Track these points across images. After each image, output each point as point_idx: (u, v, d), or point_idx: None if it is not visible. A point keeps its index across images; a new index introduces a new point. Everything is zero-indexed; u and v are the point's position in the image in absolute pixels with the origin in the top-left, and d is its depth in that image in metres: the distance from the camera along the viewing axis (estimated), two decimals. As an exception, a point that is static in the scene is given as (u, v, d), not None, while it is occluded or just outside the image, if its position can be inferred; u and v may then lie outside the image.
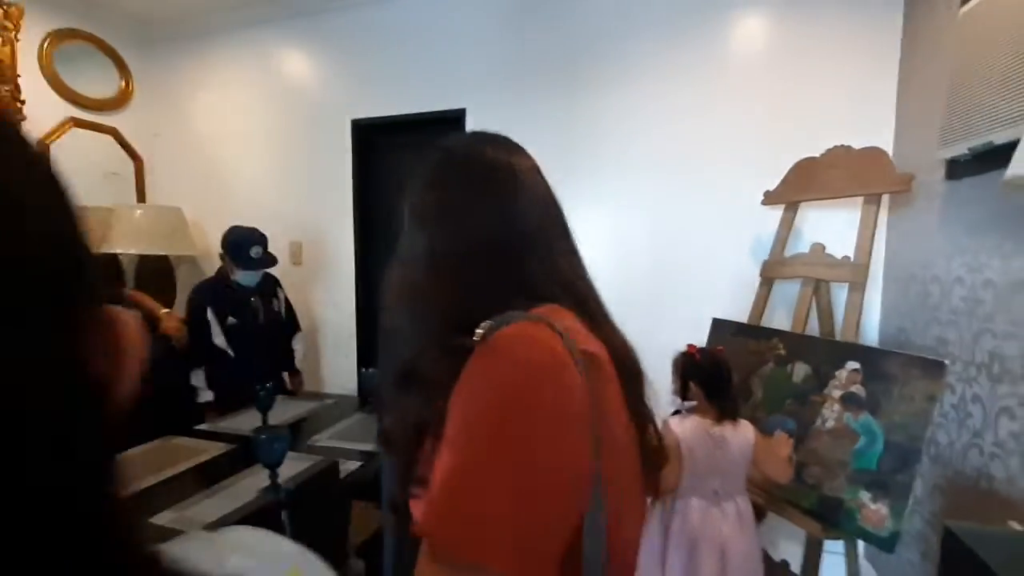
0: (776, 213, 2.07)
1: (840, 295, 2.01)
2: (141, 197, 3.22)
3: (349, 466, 1.56)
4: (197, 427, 1.95)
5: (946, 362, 1.40)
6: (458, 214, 0.60)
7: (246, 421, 1.99)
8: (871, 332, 2.07)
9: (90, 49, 2.91)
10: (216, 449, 1.73)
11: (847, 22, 2.06)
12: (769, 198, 2.07)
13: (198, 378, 2.22)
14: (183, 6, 2.93)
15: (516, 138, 2.69)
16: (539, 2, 2.49)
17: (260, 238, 2.31)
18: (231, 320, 2.27)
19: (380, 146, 2.92)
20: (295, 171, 3.03)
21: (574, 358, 0.47)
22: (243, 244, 2.25)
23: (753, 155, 2.20)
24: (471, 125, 2.65)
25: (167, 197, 3.23)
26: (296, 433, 1.84)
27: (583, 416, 0.46)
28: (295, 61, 2.99)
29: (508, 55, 2.56)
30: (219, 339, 2.26)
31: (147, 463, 1.60)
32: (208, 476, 1.52)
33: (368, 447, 1.72)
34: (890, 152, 1.88)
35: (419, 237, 0.62)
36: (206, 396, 2.23)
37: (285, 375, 2.56)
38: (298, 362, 2.59)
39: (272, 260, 2.35)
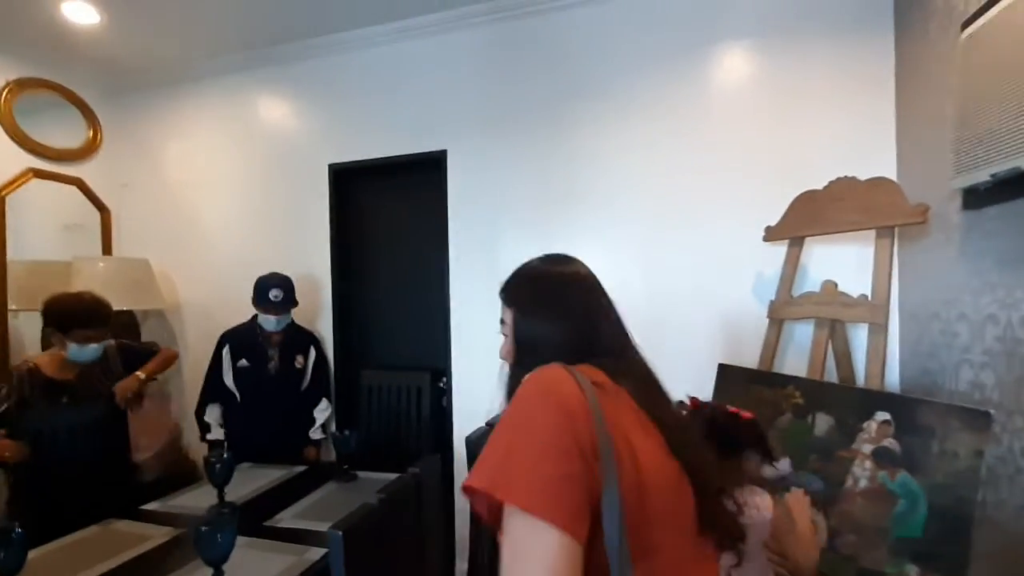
0: (779, 250, 1.94)
1: (855, 336, 1.87)
2: (108, 249, 3.04)
3: (312, 555, 1.33)
4: (143, 507, 1.70)
5: (992, 412, 1.23)
6: (539, 320, 0.82)
7: (201, 497, 1.75)
8: (891, 375, 1.91)
9: (55, 99, 2.80)
10: (161, 535, 1.49)
11: (837, 51, 2.01)
12: (771, 234, 1.95)
13: (212, 414, 2.34)
14: (154, 55, 2.85)
15: (500, 179, 2.58)
16: (521, 42, 2.44)
17: (281, 282, 2.37)
18: (242, 362, 2.32)
19: (359, 191, 2.79)
20: (270, 219, 2.88)
21: (577, 379, 0.65)
22: (263, 287, 2.34)
23: (750, 191, 2.10)
24: (452, 167, 2.54)
25: (136, 249, 3.06)
26: (256, 510, 1.60)
27: (578, 409, 0.61)
28: (270, 108, 2.89)
29: (490, 96, 2.48)
30: (228, 378, 2.34)
31: (76, 555, 1.36)
32: (144, 573, 1.28)
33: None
34: (896, 183, 1.77)
35: (519, 332, 0.84)
36: (217, 434, 2.32)
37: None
38: (318, 433, 2.46)
39: (289, 305, 2.38)
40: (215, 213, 3.00)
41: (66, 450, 1.77)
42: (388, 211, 2.79)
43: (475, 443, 1.26)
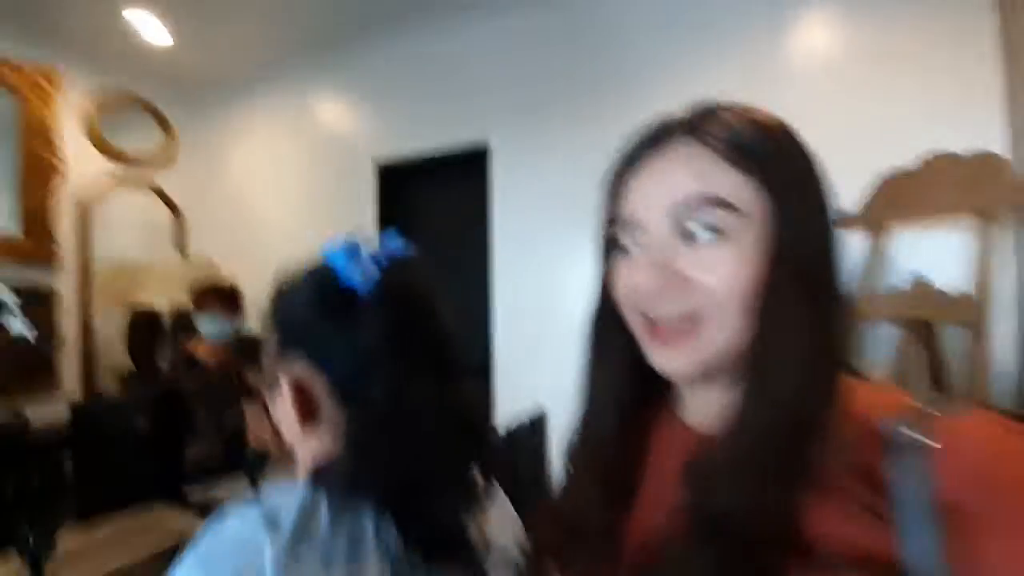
0: (857, 239, 1.69)
1: (951, 342, 1.58)
2: (183, 252, 3.24)
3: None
4: (190, 498, 1.75)
5: None
6: (827, 231, 0.44)
7: (239, 486, 1.77)
8: (1001, 387, 1.61)
9: (134, 109, 3.01)
10: (199, 525, 1.51)
11: (927, 7, 1.73)
12: (851, 221, 1.70)
13: None
14: (222, 65, 3.00)
15: (544, 169, 2.40)
16: (566, 20, 2.32)
17: None
18: None
19: (404, 188, 2.79)
20: (323, 217, 2.95)
21: None
22: None
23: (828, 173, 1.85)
24: (496, 159, 2.46)
25: (208, 251, 3.24)
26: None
27: None
28: (328, 109, 2.97)
29: (535, 80, 2.38)
30: None
31: (110, 542, 1.41)
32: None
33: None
34: (1008, 158, 1.48)
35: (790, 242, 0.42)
36: None
37: None
38: None
39: None
40: (273, 213, 3.12)
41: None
42: (433, 208, 2.76)
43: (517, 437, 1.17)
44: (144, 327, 2.87)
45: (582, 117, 2.28)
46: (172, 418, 1.97)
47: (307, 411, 0.55)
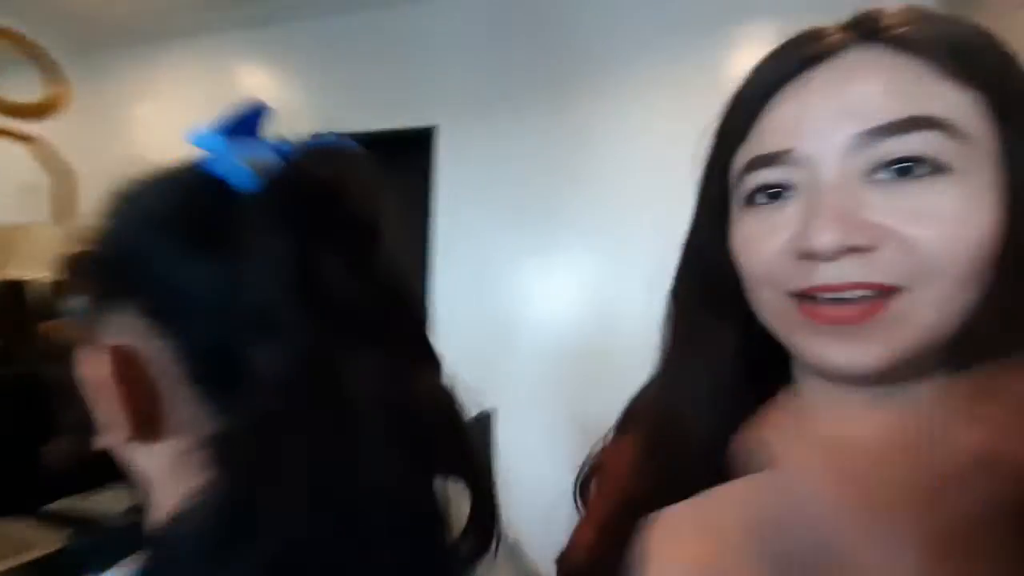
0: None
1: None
2: (69, 215, 2.81)
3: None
4: (48, 507, 1.46)
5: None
6: None
7: (118, 500, 1.51)
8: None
9: (13, 49, 2.57)
10: (54, 543, 1.25)
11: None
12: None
13: None
14: (131, 5, 2.63)
15: (496, 157, 2.20)
16: (522, 7, 2.22)
17: None
18: None
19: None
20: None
21: None
22: None
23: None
24: (444, 144, 2.31)
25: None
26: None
27: None
28: (251, 73, 2.69)
29: (487, 66, 2.27)
30: None
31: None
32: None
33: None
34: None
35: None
36: None
37: None
38: None
39: None
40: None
41: None
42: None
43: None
44: (11, 302, 2.46)
45: (536, 105, 2.19)
46: (28, 410, 1.65)
47: (141, 407, 0.31)
